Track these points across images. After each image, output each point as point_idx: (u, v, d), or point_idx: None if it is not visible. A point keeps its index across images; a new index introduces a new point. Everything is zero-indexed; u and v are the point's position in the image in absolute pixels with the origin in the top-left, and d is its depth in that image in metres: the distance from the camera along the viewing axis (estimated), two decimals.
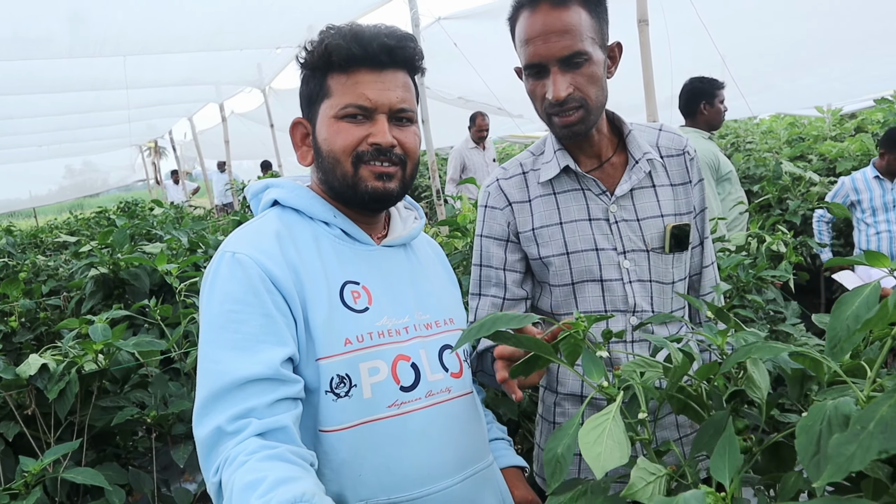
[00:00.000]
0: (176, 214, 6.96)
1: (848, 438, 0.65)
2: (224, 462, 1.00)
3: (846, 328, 0.78)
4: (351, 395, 1.16)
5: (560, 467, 0.83)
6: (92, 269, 3.13)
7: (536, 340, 0.94)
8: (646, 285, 1.48)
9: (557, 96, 1.36)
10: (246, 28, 6.82)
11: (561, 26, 1.34)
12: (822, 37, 6.10)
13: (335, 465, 1.16)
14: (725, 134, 7.91)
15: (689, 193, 1.53)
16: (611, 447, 0.79)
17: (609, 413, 0.83)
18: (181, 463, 1.90)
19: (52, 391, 1.85)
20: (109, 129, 12.79)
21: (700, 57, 5.89)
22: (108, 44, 6.40)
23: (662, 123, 1.59)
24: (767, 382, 1.03)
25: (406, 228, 1.37)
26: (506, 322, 0.91)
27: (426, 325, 1.29)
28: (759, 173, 6.01)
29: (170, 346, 2.14)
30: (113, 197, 23.58)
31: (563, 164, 1.48)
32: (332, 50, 1.20)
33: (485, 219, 1.57)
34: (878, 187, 4.41)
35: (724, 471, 0.78)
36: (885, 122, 6.63)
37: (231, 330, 1.10)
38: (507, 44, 1.48)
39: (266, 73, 9.14)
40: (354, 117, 1.21)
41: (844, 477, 0.62)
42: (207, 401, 1.06)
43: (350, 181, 1.23)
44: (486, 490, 1.30)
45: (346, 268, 1.24)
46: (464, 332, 0.93)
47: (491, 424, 1.50)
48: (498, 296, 1.56)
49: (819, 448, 0.70)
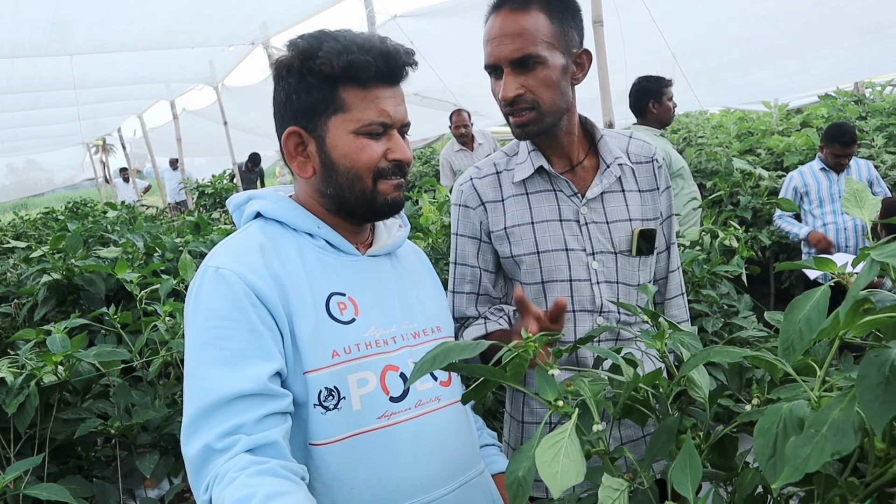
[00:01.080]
0: (128, 215, 6.81)
1: (803, 441, 0.68)
2: (214, 479, 0.99)
3: (798, 331, 0.82)
4: (340, 408, 1.15)
5: (522, 490, 0.84)
6: (45, 276, 3.06)
7: (487, 368, 0.97)
8: (613, 286, 1.52)
9: (505, 96, 1.42)
10: (198, 27, 6.70)
11: (515, 29, 1.39)
12: (770, 37, 6.31)
13: (326, 479, 1.15)
14: (677, 129, 8.07)
15: (657, 200, 1.58)
16: (567, 465, 0.81)
17: (565, 431, 0.85)
18: (148, 473, 1.87)
19: (10, 405, 1.80)
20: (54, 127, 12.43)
21: (652, 53, 6.02)
22: (54, 43, 6.22)
23: (632, 132, 1.63)
24: (707, 381, 1.08)
25: (391, 237, 1.35)
26: (458, 353, 0.92)
27: (413, 334, 1.29)
28: (711, 167, 6.15)
29: (133, 356, 2.11)
30: (59, 196, 22.94)
31: (537, 164, 1.51)
32: (358, 66, 1.16)
33: (459, 217, 1.60)
34: (825, 179, 4.56)
35: (686, 485, 0.81)
36: (829, 117, 6.86)
37: (217, 346, 1.08)
38: (462, 41, 1.54)
39: (219, 71, 9.00)
40: (375, 134, 1.20)
41: (800, 478, 0.66)
42: (195, 419, 1.04)
43: (368, 196, 1.22)
44: (479, 498, 1.30)
45: (332, 279, 1.22)
46: (416, 365, 0.93)
47: (481, 430, 1.50)
48: (473, 292, 1.61)
49: (775, 450, 0.74)
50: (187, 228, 4.98)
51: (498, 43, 1.41)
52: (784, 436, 0.74)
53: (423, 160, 12.30)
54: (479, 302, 1.61)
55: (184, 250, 3.65)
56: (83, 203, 10.40)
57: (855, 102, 7.30)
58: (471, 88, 7.92)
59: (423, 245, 2.81)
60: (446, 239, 2.67)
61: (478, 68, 1.54)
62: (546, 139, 1.52)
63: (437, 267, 2.57)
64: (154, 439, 2.05)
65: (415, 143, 15.34)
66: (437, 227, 2.76)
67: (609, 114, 3.84)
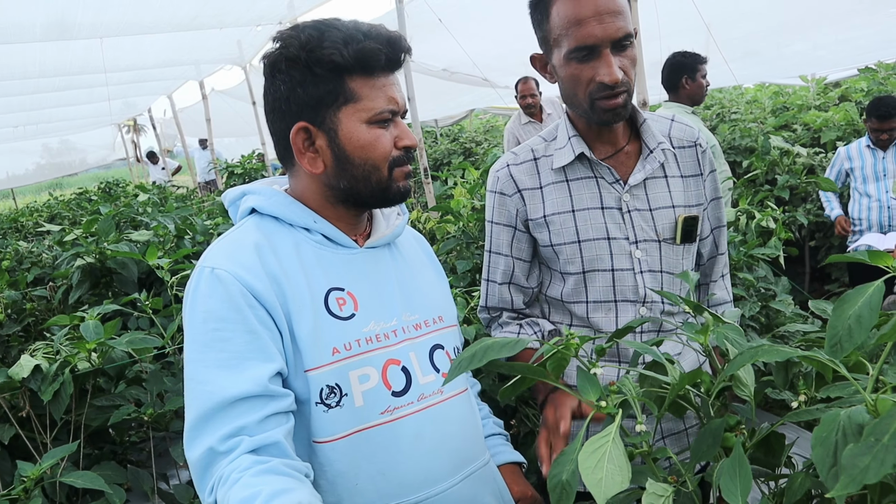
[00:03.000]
0: (159, 196, 6.87)
1: (862, 450, 0.65)
2: (218, 481, 1.00)
3: (847, 329, 0.78)
4: (342, 405, 1.15)
5: (566, 494, 0.83)
6: (78, 259, 3.09)
7: (527, 366, 0.95)
8: (657, 276, 1.48)
9: (615, 78, 1.32)
10: (226, 7, 6.69)
11: (614, 7, 1.30)
12: (810, 5, 6.10)
13: (330, 476, 1.15)
14: (710, 104, 7.89)
15: (700, 185, 1.52)
16: (611, 472, 0.79)
17: (609, 434, 0.83)
18: (181, 461, 1.89)
19: (46, 393, 1.83)
20: (86, 107, 12.58)
21: (686, 21, 5.87)
22: (84, 28, 6.25)
23: (674, 114, 1.57)
24: (753, 378, 1.04)
25: (389, 226, 1.33)
26: (497, 350, 0.90)
27: (415, 325, 1.27)
28: (745, 144, 6.01)
29: (165, 342, 2.12)
30: (92, 176, 23.33)
31: (578, 150, 1.45)
32: (368, 54, 1.13)
33: (494, 205, 1.56)
34: (871, 156, 4.44)
35: (736, 494, 0.78)
36: (869, 92, 6.64)
37: (216, 349, 1.08)
38: (491, 16, 1.47)
39: (247, 51, 9.00)
40: (386, 122, 1.18)
41: (859, 489, 0.63)
42: (197, 422, 1.05)
43: (384, 185, 1.21)
44: (484, 489, 1.30)
45: (330, 274, 1.20)
46: (455, 362, 0.92)
47: (487, 419, 1.49)
48: (504, 282, 1.59)
49: (836, 460, 0.71)
50: (218, 210, 5.01)
51: (598, 21, 1.29)
52: (844, 444, 0.71)
53: (452, 138, 12.23)
54: (512, 291, 1.59)
55: (215, 233, 3.67)
56: (115, 184, 10.53)
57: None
58: (502, 61, 7.80)
59: (452, 229, 2.78)
60: (478, 223, 2.63)
61: (508, 42, 1.48)
62: (600, 125, 1.45)
63: (468, 251, 2.54)
64: None
65: (443, 121, 15.30)
66: (467, 210, 2.72)
67: (643, 92, 3.75)
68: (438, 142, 12.01)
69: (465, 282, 2.38)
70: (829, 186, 3.82)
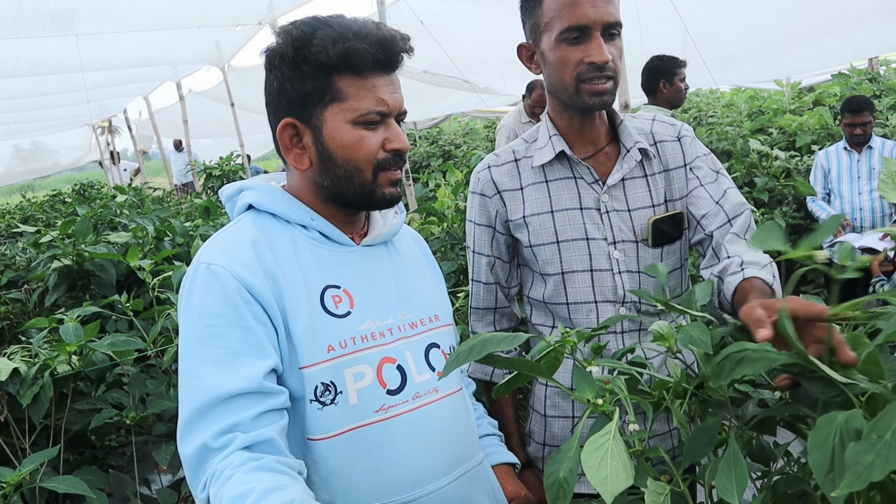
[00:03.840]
0: (136, 198, 6.78)
1: (865, 448, 0.64)
2: (211, 477, 0.99)
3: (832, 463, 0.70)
4: (337, 403, 1.14)
5: (563, 492, 0.82)
6: (55, 261, 3.03)
7: (523, 361, 0.95)
8: (635, 276, 1.48)
9: (604, 59, 1.34)
10: (203, 5, 6.62)
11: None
12: (786, 27, 6.23)
13: (325, 473, 1.15)
14: (688, 108, 7.97)
15: (684, 175, 1.50)
16: (616, 469, 0.79)
17: (609, 432, 0.83)
18: (164, 464, 1.86)
19: (25, 396, 1.79)
20: (60, 109, 12.39)
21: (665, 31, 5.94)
22: (58, 23, 6.15)
23: (656, 114, 1.58)
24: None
25: (386, 225, 1.33)
26: (496, 344, 0.90)
27: (411, 324, 1.27)
28: (722, 147, 6.07)
29: (147, 345, 2.08)
30: (66, 178, 22.95)
31: (558, 149, 1.45)
32: (354, 54, 1.12)
33: (475, 205, 1.57)
34: (847, 158, 4.51)
35: (732, 491, 0.78)
36: (843, 96, 6.76)
37: (211, 345, 1.07)
38: (473, 19, 1.46)
39: (225, 51, 8.93)
40: (373, 123, 1.17)
41: (864, 487, 0.62)
42: (191, 418, 1.04)
43: (367, 189, 1.19)
44: (478, 489, 1.30)
45: (326, 272, 1.20)
46: (452, 355, 0.91)
47: (482, 419, 1.49)
48: (490, 281, 1.60)
49: (833, 465, 0.69)
50: (197, 212, 4.96)
51: (592, 4, 1.33)
52: (841, 448, 0.70)
53: (431, 140, 12.23)
54: (497, 291, 1.61)
55: (194, 235, 3.63)
56: (90, 186, 10.38)
57: (869, 80, 7.19)
58: (482, 66, 7.82)
59: (436, 230, 2.77)
60: (462, 224, 2.63)
61: (489, 46, 1.49)
62: (582, 121, 1.46)
63: (453, 252, 2.53)
64: (170, 429, 2.03)
65: (422, 124, 15.29)
66: (451, 211, 2.71)
67: (625, 94, 3.78)
68: (417, 144, 12.01)
69: (449, 283, 2.38)
70: (806, 190, 3.88)
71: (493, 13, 5.99)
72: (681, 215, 1.50)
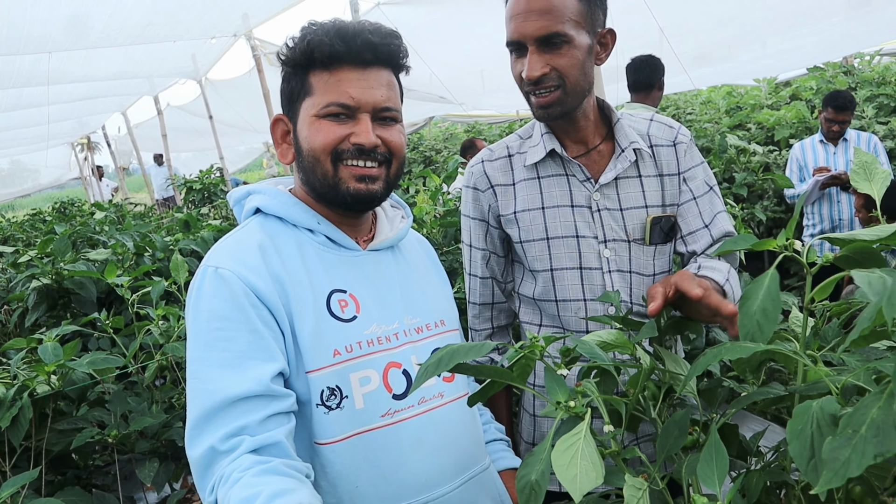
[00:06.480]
0: (116, 214, 6.73)
1: (841, 443, 0.64)
2: (219, 480, 1.00)
3: (756, 324, 0.81)
4: (343, 407, 1.15)
5: (535, 495, 0.82)
6: (34, 281, 3.00)
7: (494, 368, 0.95)
8: (625, 276, 1.48)
9: (530, 76, 1.35)
10: (177, 18, 6.58)
11: (542, 6, 1.32)
12: (758, 15, 6.28)
13: (331, 478, 1.15)
14: (666, 106, 8.03)
15: (676, 184, 1.50)
16: (585, 468, 0.79)
17: (580, 432, 0.83)
18: (148, 482, 1.84)
19: (4, 419, 1.76)
20: (38, 128, 12.25)
21: (642, 33, 5.98)
22: (32, 41, 6.10)
23: (654, 114, 1.57)
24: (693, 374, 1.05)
25: (393, 229, 1.34)
26: (464, 354, 0.90)
27: (416, 329, 1.28)
28: (701, 144, 6.11)
29: (128, 361, 2.06)
30: (47, 196, 22.70)
31: (549, 147, 1.46)
32: (314, 47, 1.16)
33: (469, 199, 1.58)
34: (823, 151, 4.54)
35: (713, 479, 0.78)
36: (819, 90, 6.83)
37: (219, 348, 1.08)
38: (448, 31, 1.47)
39: (201, 64, 8.88)
40: (337, 116, 1.18)
41: (842, 483, 0.62)
42: (199, 421, 1.04)
43: (331, 181, 1.20)
44: (484, 494, 1.30)
45: (332, 276, 1.21)
46: (421, 369, 0.91)
47: (489, 425, 1.49)
48: (486, 276, 1.61)
49: (813, 452, 0.70)
50: (177, 226, 4.92)
51: (524, 19, 1.33)
52: (819, 435, 0.70)
53: (412, 146, 12.22)
54: (494, 286, 1.62)
55: (175, 249, 3.60)
56: (70, 203, 10.28)
57: (844, 73, 7.27)
58: (458, 80, 7.82)
59: None
60: (441, 229, 2.63)
61: (464, 59, 1.50)
62: (563, 122, 1.46)
63: None
64: (153, 446, 2.01)
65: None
66: (430, 216, 2.71)
67: (600, 94, 3.78)
68: None
69: None
70: (784, 183, 3.90)
71: (474, 21, 6.00)
72: (674, 220, 1.51)
